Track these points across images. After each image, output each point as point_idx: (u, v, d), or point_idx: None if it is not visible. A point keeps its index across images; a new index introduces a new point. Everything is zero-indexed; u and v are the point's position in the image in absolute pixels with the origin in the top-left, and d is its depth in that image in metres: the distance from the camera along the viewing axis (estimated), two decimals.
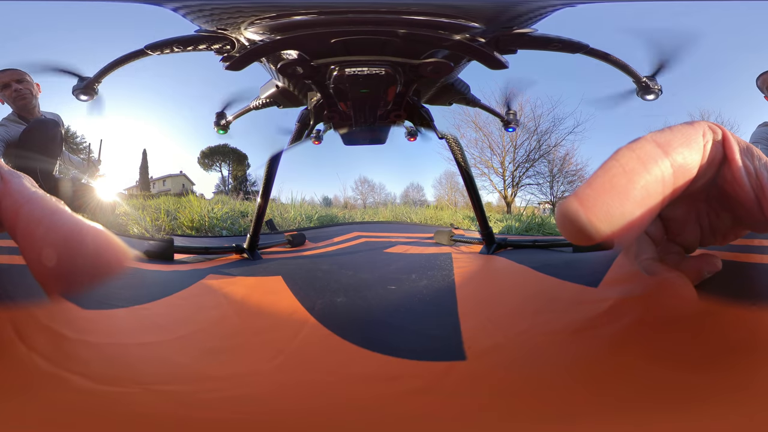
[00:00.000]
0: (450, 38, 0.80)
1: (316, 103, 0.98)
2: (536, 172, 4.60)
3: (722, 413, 0.38)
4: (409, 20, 0.77)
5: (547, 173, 4.69)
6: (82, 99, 1.11)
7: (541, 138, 4.50)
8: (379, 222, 2.27)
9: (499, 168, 4.47)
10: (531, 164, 4.43)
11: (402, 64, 0.84)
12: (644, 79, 1.06)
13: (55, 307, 0.64)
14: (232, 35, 0.85)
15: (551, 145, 4.36)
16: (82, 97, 1.11)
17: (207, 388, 0.47)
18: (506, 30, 0.86)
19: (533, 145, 4.49)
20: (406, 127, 1.11)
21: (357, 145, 1.10)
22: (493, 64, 0.86)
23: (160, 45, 0.93)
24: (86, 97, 1.11)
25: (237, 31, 0.83)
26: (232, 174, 3.09)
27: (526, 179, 4.57)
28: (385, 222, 2.22)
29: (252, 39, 0.83)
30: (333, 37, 0.78)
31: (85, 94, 1.10)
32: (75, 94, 1.10)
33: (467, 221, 2.45)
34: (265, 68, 0.95)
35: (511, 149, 4.76)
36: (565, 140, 4.49)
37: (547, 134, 4.50)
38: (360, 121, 0.99)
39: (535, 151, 4.44)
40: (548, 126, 4.46)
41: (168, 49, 0.93)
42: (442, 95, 1.09)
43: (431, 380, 0.48)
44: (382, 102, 0.94)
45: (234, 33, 0.84)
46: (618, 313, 0.59)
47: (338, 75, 0.84)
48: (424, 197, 4.24)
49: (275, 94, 1.09)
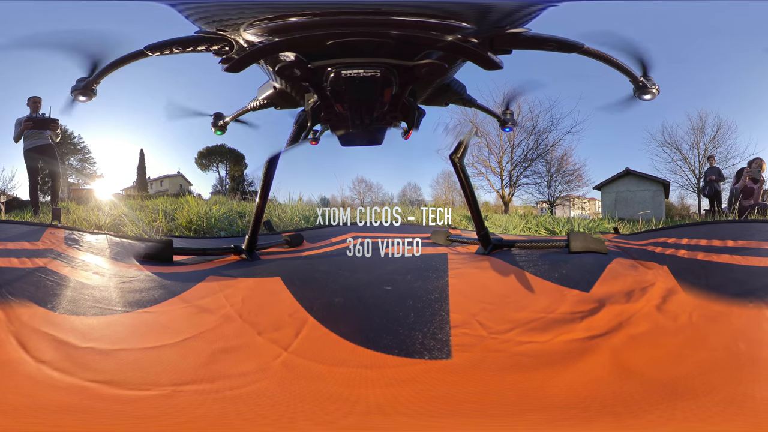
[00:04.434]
0: (443, 39, 0.80)
1: (313, 105, 0.98)
2: (534, 171, 4.54)
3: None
4: (402, 21, 0.77)
5: (545, 173, 4.63)
6: (80, 100, 1.11)
7: (538, 138, 4.44)
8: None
9: (496, 168, 4.43)
10: (529, 164, 4.40)
11: (397, 65, 0.84)
12: (641, 79, 1.05)
13: (52, 314, 0.65)
14: (231, 37, 0.85)
15: (549, 144, 4.32)
16: (80, 98, 1.10)
17: (228, 386, 0.50)
18: (499, 30, 0.85)
19: (531, 145, 4.44)
20: (402, 127, 1.11)
21: (354, 146, 1.10)
22: (487, 65, 0.86)
23: (159, 46, 0.93)
24: (84, 98, 1.10)
25: (236, 32, 0.84)
26: (229, 174, 3.09)
27: (524, 179, 4.52)
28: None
29: (250, 41, 0.83)
30: (329, 39, 0.78)
31: (83, 95, 1.09)
32: (73, 95, 1.10)
33: (465, 221, 2.45)
34: (263, 70, 0.95)
35: (508, 149, 4.68)
36: (562, 140, 4.41)
37: (545, 134, 4.43)
38: (357, 122, 1.00)
39: (533, 151, 4.39)
40: (546, 126, 4.39)
41: (167, 50, 0.93)
42: (439, 96, 1.09)
43: (417, 374, 0.53)
44: (379, 103, 0.94)
45: (233, 34, 0.85)
46: (606, 320, 0.60)
47: (335, 77, 0.84)
48: (421, 196, 4.19)
49: (273, 96, 1.09)
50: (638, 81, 1.05)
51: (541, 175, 4.57)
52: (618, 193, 4.53)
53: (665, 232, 1.35)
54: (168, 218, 1.97)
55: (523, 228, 2.63)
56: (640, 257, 1.07)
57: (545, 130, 4.63)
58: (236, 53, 0.87)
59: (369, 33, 0.78)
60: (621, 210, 4.53)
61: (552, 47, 0.92)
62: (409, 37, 0.78)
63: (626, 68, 1.03)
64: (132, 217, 2.06)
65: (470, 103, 1.19)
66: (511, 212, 4.46)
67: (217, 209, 2.35)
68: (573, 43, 0.93)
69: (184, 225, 1.98)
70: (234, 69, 0.85)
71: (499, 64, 0.87)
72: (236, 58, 0.84)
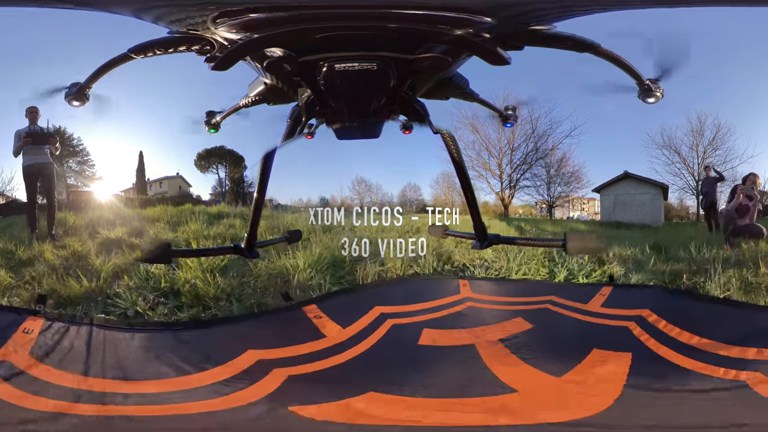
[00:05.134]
0: (448, 33, 0.78)
1: (307, 99, 0.96)
2: (533, 174, 4.54)
3: None
4: (401, 14, 0.75)
5: (544, 175, 4.63)
6: (74, 105, 1.13)
7: (538, 141, 4.44)
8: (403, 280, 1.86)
9: (496, 170, 4.42)
10: (528, 167, 4.40)
11: (395, 59, 0.82)
12: (647, 82, 1.06)
13: None
14: (207, 35, 0.83)
15: (548, 148, 4.32)
16: (74, 103, 1.13)
17: None
18: (522, 26, 0.83)
19: (530, 147, 4.44)
20: (400, 120, 1.10)
21: (350, 139, 1.09)
22: (493, 60, 0.84)
23: (142, 48, 0.93)
24: (78, 103, 1.13)
25: (208, 30, 0.81)
26: (229, 176, 3.09)
27: (524, 181, 4.51)
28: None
29: (227, 37, 0.81)
30: (318, 32, 0.76)
31: (77, 99, 1.12)
32: (67, 100, 1.12)
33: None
34: (251, 66, 0.93)
35: (508, 152, 4.68)
36: (561, 143, 4.41)
37: (545, 137, 4.44)
38: (353, 116, 0.99)
39: (533, 154, 4.39)
40: (545, 129, 4.40)
41: (150, 52, 0.93)
42: (440, 89, 1.06)
43: None
44: (375, 97, 0.93)
45: (207, 33, 0.83)
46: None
47: (328, 71, 0.82)
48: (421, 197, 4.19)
49: (264, 92, 1.08)
50: (644, 84, 1.06)
51: (541, 177, 4.57)
52: (617, 196, 4.52)
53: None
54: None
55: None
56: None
57: (544, 134, 4.63)
58: (219, 51, 0.86)
59: (363, 26, 0.77)
60: (620, 213, 4.52)
61: (567, 46, 0.90)
62: (408, 30, 0.76)
63: (635, 71, 1.04)
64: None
65: (472, 98, 1.17)
66: (511, 212, 4.44)
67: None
68: (590, 42, 0.91)
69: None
70: (220, 67, 0.83)
71: (506, 60, 0.85)
72: (220, 56, 0.83)
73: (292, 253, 1.92)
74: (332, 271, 1.83)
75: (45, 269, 1.96)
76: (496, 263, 1.99)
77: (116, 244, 2.47)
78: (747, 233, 3.09)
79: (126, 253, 2.12)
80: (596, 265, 2.00)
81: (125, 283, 1.76)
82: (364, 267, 1.87)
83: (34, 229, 2.60)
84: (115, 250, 2.25)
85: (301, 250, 1.97)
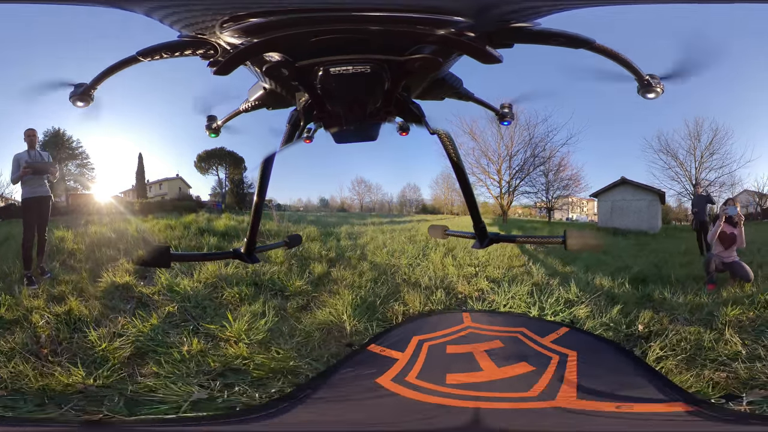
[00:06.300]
0: (433, 33, 0.78)
1: (304, 104, 0.97)
2: (531, 180, 4.58)
3: None
4: (388, 17, 0.76)
5: (543, 181, 4.67)
6: (78, 105, 1.12)
7: (535, 148, 4.49)
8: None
9: (495, 176, 4.47)
10: (526, 173, 4.44)
11: (388, 61, 0.83)
12: (647, 78, 1.03)
13: None
14: (212, 40, 0.85)
15: (546, 157, 4.38)
16: (78, 103, 1.12)
17: None
18: (502, 24, 0.83)
19: (528, 153, 4.48)
20: (397, 122, 1.10)
21: (348, 143, 1.10)
22: (484, 59, 0.84)
23: (150, 51, 0.94)
24: (83, 104, 1.12)
25: (215, 35, 0.83)
26: (228, 177, 3.09)
27: (523, 185, 4.55)
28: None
29: (232, 42, 0.83)
30: (313, 36, 0.77)
31: (81, 100, 1.11)
32: (72, 100, 1.11)
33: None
34: (251, 71, 0.95)
35: (506, 158, 4.73)
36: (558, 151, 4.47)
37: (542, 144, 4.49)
38: (350, 119, 0.99)
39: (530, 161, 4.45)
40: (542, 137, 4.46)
41: (157, 55, 0.94)
42: (434, 90, 1.07)
43: None
44: (371, 99, 0.94)
45: (212, 37, 0.84)
46: None
47: (323, 75, 0.83)
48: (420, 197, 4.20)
49: (263, 96, 1.09)
50: (643, 79, 1.04)
51: (539, 182, 4.58)
52: (614, 202, 4.54)
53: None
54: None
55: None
56: None
57: (541, 141, 4.66)
58: (222, 56, 0.87)
59: (354, 29, 0.77)
60: (617, 219, 4.53)
61: (560, 42, 0.89)
62: (393, 32, 0.77)
63: (634, 66, 1.02)
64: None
65: (467, 97, 1.17)
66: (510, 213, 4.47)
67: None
68: (584, 39, 0.89)
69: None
70: (222, 72, 0.85)
71: (497, 58, 0.85)
72: (222, 60, 0.84)
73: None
74: (369, 313, 2.40)
75: (25, 340, 1.79)
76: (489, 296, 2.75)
77: (123, 296, 2.37)
78: (732, 273, 2.87)
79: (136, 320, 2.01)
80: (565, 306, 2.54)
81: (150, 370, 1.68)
82: (392, 307, 2.54)
83: (29, 266, 2.64)
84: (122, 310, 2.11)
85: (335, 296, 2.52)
